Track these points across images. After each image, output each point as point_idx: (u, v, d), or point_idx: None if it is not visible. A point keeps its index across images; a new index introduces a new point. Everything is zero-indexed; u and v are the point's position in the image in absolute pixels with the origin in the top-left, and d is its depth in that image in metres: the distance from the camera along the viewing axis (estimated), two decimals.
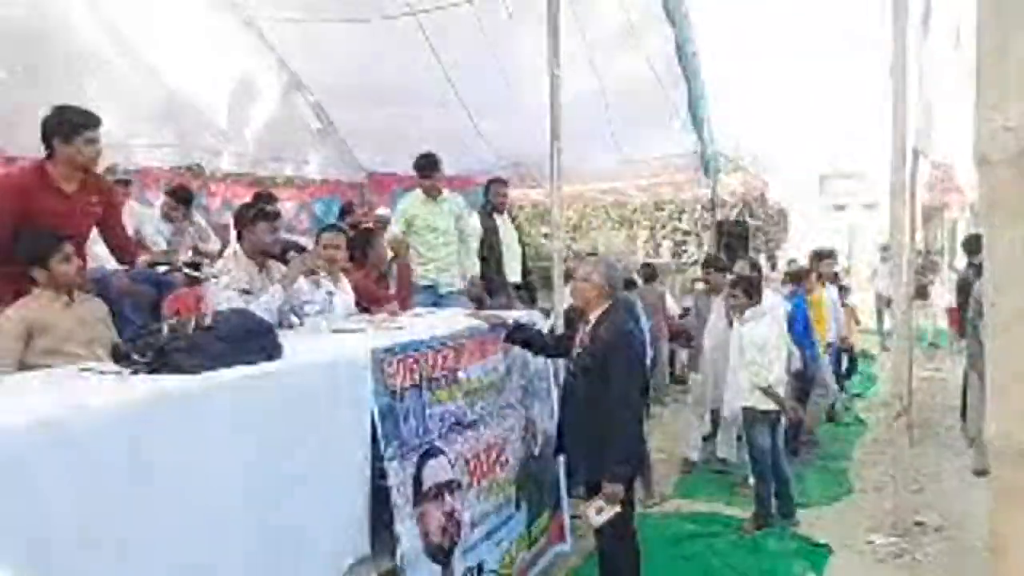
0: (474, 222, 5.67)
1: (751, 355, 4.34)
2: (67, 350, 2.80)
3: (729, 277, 5.53)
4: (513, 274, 5.95)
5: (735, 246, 8.92)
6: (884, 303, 10.56)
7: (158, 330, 2.28)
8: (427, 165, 5.20)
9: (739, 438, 5.35)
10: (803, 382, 5.40)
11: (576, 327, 3.34)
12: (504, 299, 5.46)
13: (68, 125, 3.11)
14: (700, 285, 6.25)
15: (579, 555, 3.96)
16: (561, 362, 3.62)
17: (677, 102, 6.91)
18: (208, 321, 2.24)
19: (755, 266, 5.97)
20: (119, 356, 2.30)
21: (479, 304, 5.16)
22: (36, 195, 3.07)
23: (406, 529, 2.62)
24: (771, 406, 4.35)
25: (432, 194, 5.25)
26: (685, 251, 11.96)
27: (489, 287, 5.61)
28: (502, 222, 5.91)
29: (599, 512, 2.99)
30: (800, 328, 5.33)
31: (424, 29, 6.18)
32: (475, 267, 5.51)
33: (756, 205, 10.63)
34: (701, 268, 5.91)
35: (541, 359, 3.77)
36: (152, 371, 2.15)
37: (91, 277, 3.41)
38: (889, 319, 10.25)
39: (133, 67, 5.94)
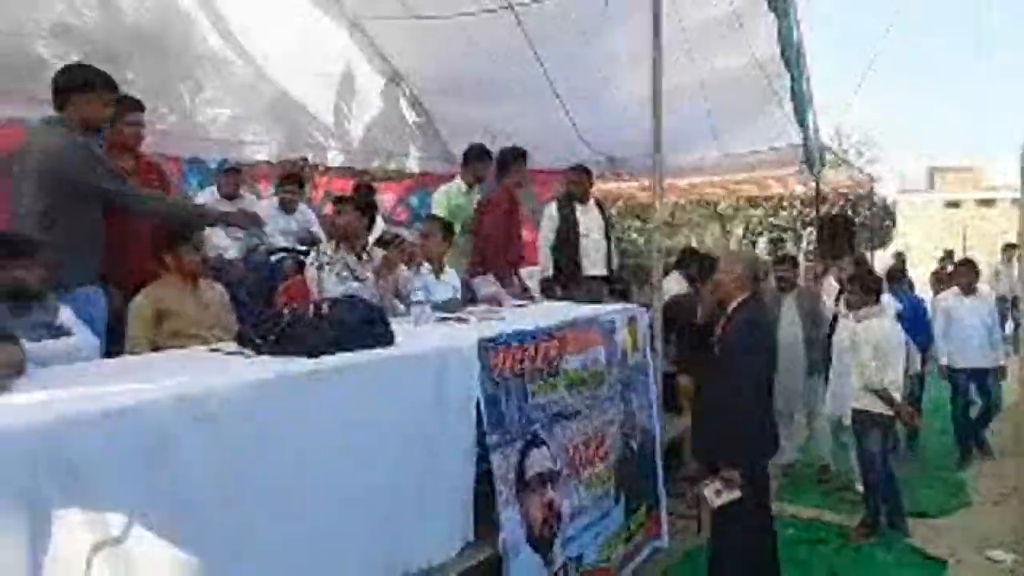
0: (551, 211, 5.62)
1: (865, 355, 4.15)
2: (192, 333, 2.98)
3: (830, 275, 5.33)
4: (595, 266, 5.82)
5: (838, 243, 8.55)
6: (1008, 306, 9.86)
7: (279, 315, 2.39)
8: (471, 154, 5.18)
9: (839, 442, 5.16)
10: (919, 385, 5.15)
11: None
12: (581, 292, 5.36)
13: (116, 106, 3.26)
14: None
15: (676, 551, 3.90)
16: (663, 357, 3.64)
17: (780, 93, 6.66)
18: (325, 308, 2.33)
19: (862, 263, 5.71)
20: (242, 339, 2.44)
21: (550, 297, 5.11)
22: None
23: (509, 517, 2.65)
24: (885, 410, 4.14)
25: (472, 184, 5.18)
26: (783, 247, 11.56)
27: (563, 279, 5.53)
28: (583, 213, 5.78)
29: (718, 494, 3.07)
30: (914, 327, 5.07)
31: (522, 22, 6.21)
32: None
33: (862, 201, 10.15)
34: (774, 264, 5.68)
35: (641, 353, 3.74)
36: (273, 353, 2.26)
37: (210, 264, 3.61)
38: (1011, 323, 9.60)
39: (245, 68, 6.24)
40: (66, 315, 2.51)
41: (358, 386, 2.19)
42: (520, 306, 3.81)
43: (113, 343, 2.93)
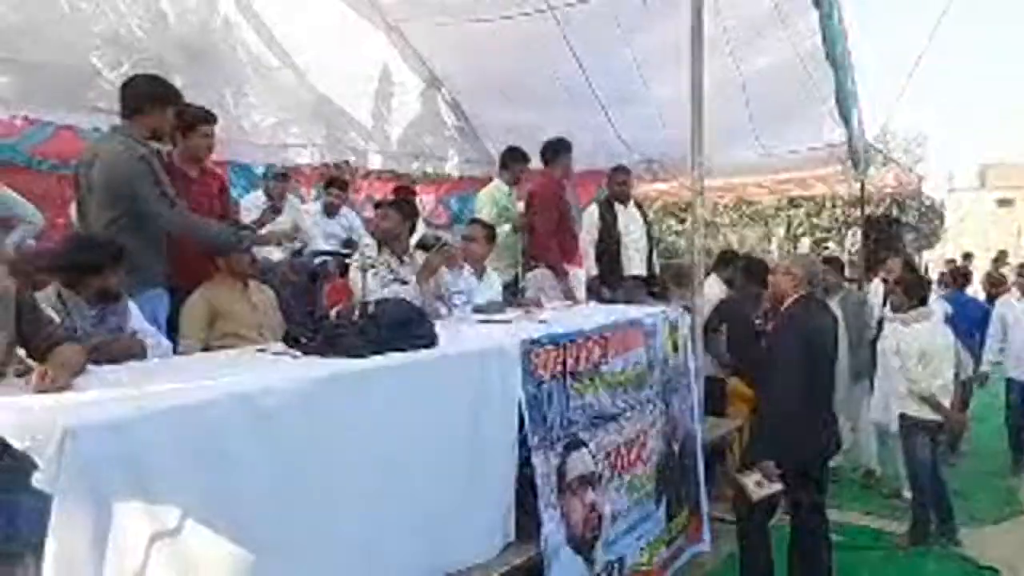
0: (592, 214, 5.62)
1: (912, 360, 4.06)
2: (242, 333, 3.06)
3: (878, 276, 5.23)
4: (635, 268, 5.83)
5: (884, 244, 8.39)
6: None
7: (325, 317, 2.44)
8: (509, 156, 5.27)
9: (885, 447, 5.06)
10: (969, 390, 5.02)
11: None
12: (622, 292, 5.36)
13: (189, 118, 3.43)
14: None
15: (717, 556, 3.87)
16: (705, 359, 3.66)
17: (824, 91, 6.55)
18: (371, 310, 2.37)
19: (909, 265, 5.60)
20: (290, 340, 2.49)
21: (597, 298, 5.11)
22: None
23: (550, 518, 2.66)
24: (933, 416, 4.05)
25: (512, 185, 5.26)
26: (826, 249, 11.35)
27: (605, 280, 5.54)
28: (624, 213, 5.79)
29: (759, 486, 3.14)
30: (966, 331, 4.94)
31: (560, 23, 6.22)
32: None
33: (909, 201, 9.92)
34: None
35: (682, 355, 3.72)
36: (320, 354, 2.31)
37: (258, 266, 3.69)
38: None
39: (287, 73, 6.36)
40: (136, 317, 2.61)
41: (404, 387, 2.23)
42: (561, 308, 3.81)
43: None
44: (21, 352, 2.14)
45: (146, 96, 3.17)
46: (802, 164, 7.87)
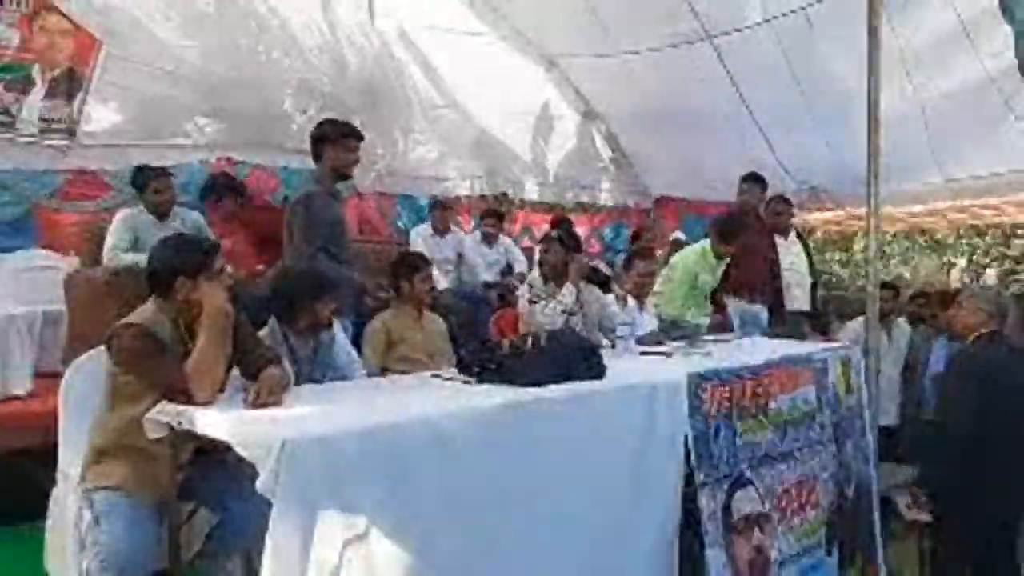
0: None
1: None
2: (415, 358, 3.26)
3: None
4: (797, 301, 5.56)
5: None
6: None
7: (498, 346, 2.56)
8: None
9: None
10: None
11: None
12: (783, 328, 5.12)
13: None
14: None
15: None
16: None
17: (1017, 110, 5.99)
18: (543, 340, 2.46)
19: None
20: (463, 366, 2.63)
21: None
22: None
23: (715, 557, 2.60)
24: None
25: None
26: (1016, 280, 10.26)
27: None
28: (783, 245, 5.57)
29: (908, 508, 3.17)
30: None
31: (719, 51, 6.15)
32: None
33: None
34: (1017, 301, 5.05)
35: (856, 396, 3.52)
36: (492, 382, 2.42)
37: None
38: None
39: (450, 109, 6.74)
40: (341, 342, 2.87)
41: (574, 416, 2.28)
42: (723, 342, 3.74)
43: None
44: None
45: (326, 136, 3.48)
46: (988, 190, 7.22)
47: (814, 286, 5.79)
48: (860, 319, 4.93)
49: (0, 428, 3.46)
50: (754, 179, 5.27)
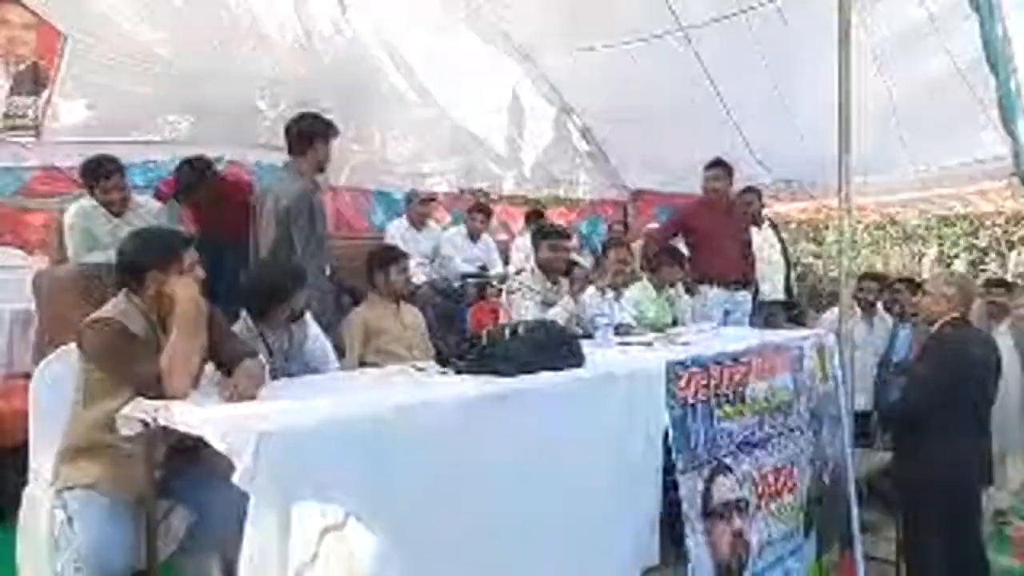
0: None
1: None
2: (393, 350, 3.24)
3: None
4: (773, 291, 5.63)
5: None
6: None
7: (477, 336, 2.55)
8: None
9: None
10: None
11: None
12: (759, 317, 5.19)
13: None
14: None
15: None
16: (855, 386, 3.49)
17: (984, 102, 6.09)
18: (521, 330, 2.45)
19: None
20: (441, 358, 2.62)
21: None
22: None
23: (696, 543, 2.61)
24: None
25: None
26: (984, 271, 10.45)
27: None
28: (758, 235, 5.64)
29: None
30: None
31: (692, 44, 6.17)
32: None
33: None
34: (986, 288, 5.13)
35: (832, 383, 3.56)
36: (471, 372, 2.41)
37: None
38: None
39: (425, 105, 6.69)
40: (314, 331, 2.85)
41: (553, 406, 2.28)
42: (701, 331, 3.76)
43: None
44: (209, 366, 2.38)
45: (315, 132, 3.44)
46: (957, 180, 7.34)
47: (788, 276, 5.86)
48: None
49: None
50: (717, 164, 5.32)
